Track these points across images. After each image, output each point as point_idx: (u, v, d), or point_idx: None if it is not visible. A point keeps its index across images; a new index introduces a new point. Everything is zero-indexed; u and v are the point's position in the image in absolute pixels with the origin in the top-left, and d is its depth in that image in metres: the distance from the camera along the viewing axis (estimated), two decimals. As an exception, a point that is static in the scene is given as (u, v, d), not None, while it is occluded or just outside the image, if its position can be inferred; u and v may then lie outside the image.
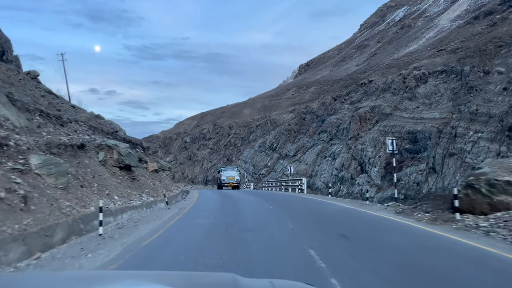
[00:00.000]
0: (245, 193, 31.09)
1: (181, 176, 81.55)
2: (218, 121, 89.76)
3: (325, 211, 16.23)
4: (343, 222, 13.12)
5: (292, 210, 16.54)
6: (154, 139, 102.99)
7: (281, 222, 12.05)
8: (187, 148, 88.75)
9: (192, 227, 11.24)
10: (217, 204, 19.19)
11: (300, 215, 14.99)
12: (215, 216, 13.90)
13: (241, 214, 14.77)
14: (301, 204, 19.53)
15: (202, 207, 18.10)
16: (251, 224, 11.75)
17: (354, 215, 14.69)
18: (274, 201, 20.78)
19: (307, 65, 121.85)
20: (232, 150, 78.57)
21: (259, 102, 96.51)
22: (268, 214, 14.79)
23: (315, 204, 19.50)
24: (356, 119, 53.94)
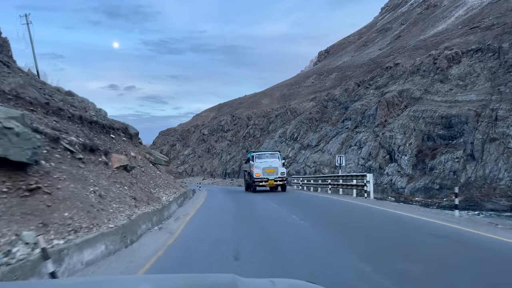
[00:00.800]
0: (276, 200, 19.35)
1: (200, 169, 79.59)
2: (236, 112, 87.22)
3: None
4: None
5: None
6: (171, 132, 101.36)
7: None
8: (205, 140, 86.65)
9: None
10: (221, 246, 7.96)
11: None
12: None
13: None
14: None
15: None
16: None
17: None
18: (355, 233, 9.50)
19: (327, 52, 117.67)
20: (251, 142, 75.98)
21: (277, 91, 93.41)
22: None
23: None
24: (383, 104, 50.42)
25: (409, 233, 9.35)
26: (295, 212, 13.57)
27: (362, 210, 14.45)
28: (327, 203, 18.16)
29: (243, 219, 12.64)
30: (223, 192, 32.49)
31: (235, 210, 15.23)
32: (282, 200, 19.29)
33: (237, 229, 10.48)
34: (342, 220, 12.35)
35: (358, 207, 15.64)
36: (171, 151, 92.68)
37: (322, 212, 14.78)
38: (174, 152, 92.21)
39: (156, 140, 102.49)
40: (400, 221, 11.29)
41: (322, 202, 19.22)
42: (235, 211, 14.94)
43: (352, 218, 12.83)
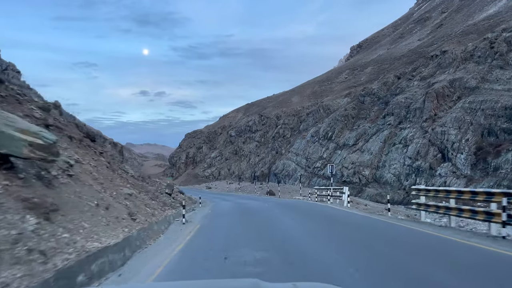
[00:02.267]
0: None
1: (227, 172, 75.27)
2: (264, 112, 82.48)
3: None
4: None
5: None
6: (198, 135, 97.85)
7: None
8: (233, 142, 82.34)
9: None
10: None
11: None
12: None
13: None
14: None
15: None
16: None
17: None
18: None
19: (359, 47, 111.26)
20: (281, 142, 70.97)
21: (308, 88, 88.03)
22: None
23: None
24: (432, 96, 44.26)
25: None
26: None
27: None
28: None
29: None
30: (233, 216, 17.59)
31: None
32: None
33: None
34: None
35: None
36: (198, 153, 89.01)
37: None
38: (200, 155, 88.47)
39: (182, 143, 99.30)
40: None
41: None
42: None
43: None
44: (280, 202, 26.14)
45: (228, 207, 21.93)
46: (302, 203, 25.78)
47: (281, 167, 63.81)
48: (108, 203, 9.18)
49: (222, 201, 26.19)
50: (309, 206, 22.05)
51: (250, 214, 17.10)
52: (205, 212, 18.62)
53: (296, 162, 62.01)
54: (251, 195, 36.79)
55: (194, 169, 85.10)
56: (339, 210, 18.57)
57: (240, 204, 24.14)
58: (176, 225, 12.94)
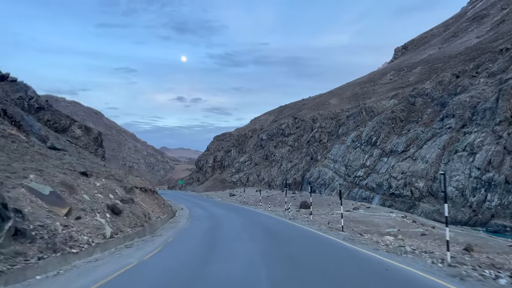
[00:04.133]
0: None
1: (256, 178, 68.86)
2: (299, 114, 75.66)
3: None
4: None
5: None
6: (227, 137, 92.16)
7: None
8: (263, 146, 75.95)
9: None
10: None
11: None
12: None
13: None
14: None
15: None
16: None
17: None
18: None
19: (405, 48, 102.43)
20: (316, 147, 63.87)
21: (348, 90, 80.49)
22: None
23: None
24: (508, 94, 36.10)
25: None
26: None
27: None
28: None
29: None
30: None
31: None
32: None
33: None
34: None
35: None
36: (226, 157, 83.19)
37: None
38: (228, 159, 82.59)
39: (210, 146, 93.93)
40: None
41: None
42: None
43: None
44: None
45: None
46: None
47: (316, 174, 56.73)
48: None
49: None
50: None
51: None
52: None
53: (333, 169, 54.76)
54: (278, 211, 27.98)
55: (221, 173, 79.29)
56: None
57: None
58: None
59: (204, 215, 24.99)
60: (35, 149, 16.30)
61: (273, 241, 12.48)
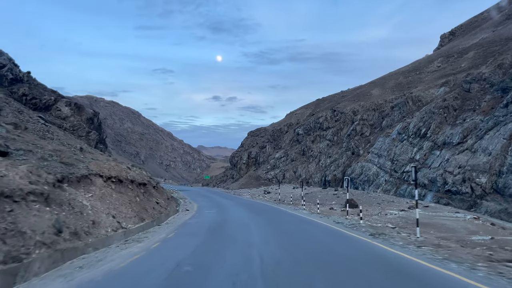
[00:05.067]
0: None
1: (293, 175, 65.10)
2: (337, 106, 71.11)
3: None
4: None
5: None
6: (261, 133, 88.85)
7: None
8: (300, 141, 72.06)
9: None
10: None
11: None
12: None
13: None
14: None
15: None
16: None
17: None
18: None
19: (452, 34, 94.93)
20: (358, 141, 59.27)
21: (390, 80, 74.95)
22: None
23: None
24: None
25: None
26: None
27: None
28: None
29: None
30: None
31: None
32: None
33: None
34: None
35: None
36: (260, 153, 79.90)
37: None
38: (263, 155, 79.26)
39: (244, 142, 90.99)
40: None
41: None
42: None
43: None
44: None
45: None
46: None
47: (358, 170, 52.27)
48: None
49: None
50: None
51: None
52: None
53: (378, 164, 50.12)
54: (325, 214, 21.65)
55: (256, 170, 76.12)
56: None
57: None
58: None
59: (212, 220, 18.81)
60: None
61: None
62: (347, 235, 13.17)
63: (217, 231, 14.48)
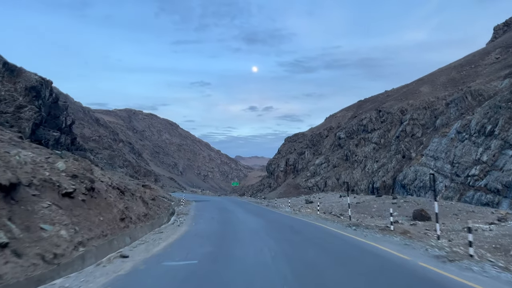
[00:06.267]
0: None
1: (336, 183, 59.69)
2: (383, 107, 65.19)
3: None
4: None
5: None
6: (299, 138, 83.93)
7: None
8: (342, 145, 66.58)
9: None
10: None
11: None
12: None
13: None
14: None
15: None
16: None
17: None
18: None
19: (507, 25, 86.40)
20: (408, 143, 53.22)
21: (441, 76, 68.13)
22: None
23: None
24: None
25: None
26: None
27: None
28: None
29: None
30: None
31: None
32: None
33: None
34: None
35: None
36: (299, 160, 74.95)
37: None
38: (302, 162, 74.26)
39: (281, 148, 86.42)
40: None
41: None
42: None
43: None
44: None
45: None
46: None
47: (411, 175, 46.33)
48: None
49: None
50: None
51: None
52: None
53: (435, 168, 44.01)
54: (404, 233, 13.56)
55: (295, 178, 71.21)
56: None
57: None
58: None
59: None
60: None
61: None
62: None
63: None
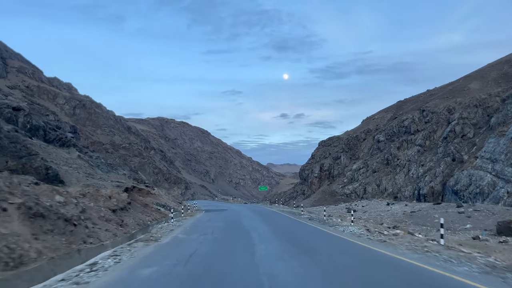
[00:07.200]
0: None
1: (377, 189, 54.83)
2: (426, 106, 59.88)
3: None
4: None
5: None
6: (334, 142, 79.29)
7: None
8: (382, 149, 61.64)
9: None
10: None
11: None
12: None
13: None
14: None
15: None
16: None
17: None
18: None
19: None
20: (459, 144, 47.86)
21: (492, 71, 62.06)
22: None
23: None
24: None
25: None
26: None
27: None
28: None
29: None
30: None
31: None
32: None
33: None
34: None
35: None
36: (334, 165, 70.37)
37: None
38: (338, 167, 69.65)
39: (315, 153, 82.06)
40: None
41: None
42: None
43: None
44: None
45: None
46: None
47: (465, 180, 41.08)
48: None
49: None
50: None
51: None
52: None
53: (493, 172, 38.68)
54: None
55: (330, 185, 66.71)
56: None
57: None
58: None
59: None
60: None
61: None
62: None
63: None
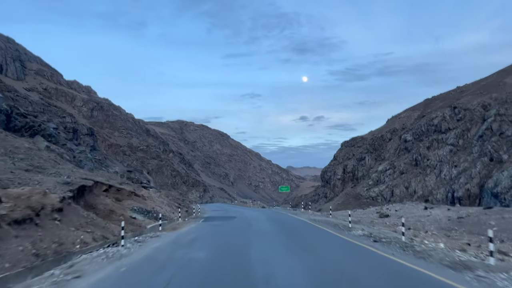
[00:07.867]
0: None
1: (405, 192, 51.35)
2: (458, 103, 56.02)
3: None
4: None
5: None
6: (358, 142, 75.85)
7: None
8: (409, 149, 58.06)
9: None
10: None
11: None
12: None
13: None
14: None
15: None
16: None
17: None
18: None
19: None
20: (496, 143, 44.07)
21: (529, 65, 57.76)
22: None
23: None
24: None
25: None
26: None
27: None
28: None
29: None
30: None
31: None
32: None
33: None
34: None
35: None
36: (359, 167, 67.01)
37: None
38: (363, 169, 66.27)
39: (337, 154, 78.77)
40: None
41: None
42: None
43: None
44: None
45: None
46: None
47: (507, 182, 37.40)
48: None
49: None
50: None
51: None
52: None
53: (540, 172, 34.92)
54: None
55: (354, 187, 63.41)
56: None
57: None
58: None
59: None
60: None
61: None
62: None
63: None
